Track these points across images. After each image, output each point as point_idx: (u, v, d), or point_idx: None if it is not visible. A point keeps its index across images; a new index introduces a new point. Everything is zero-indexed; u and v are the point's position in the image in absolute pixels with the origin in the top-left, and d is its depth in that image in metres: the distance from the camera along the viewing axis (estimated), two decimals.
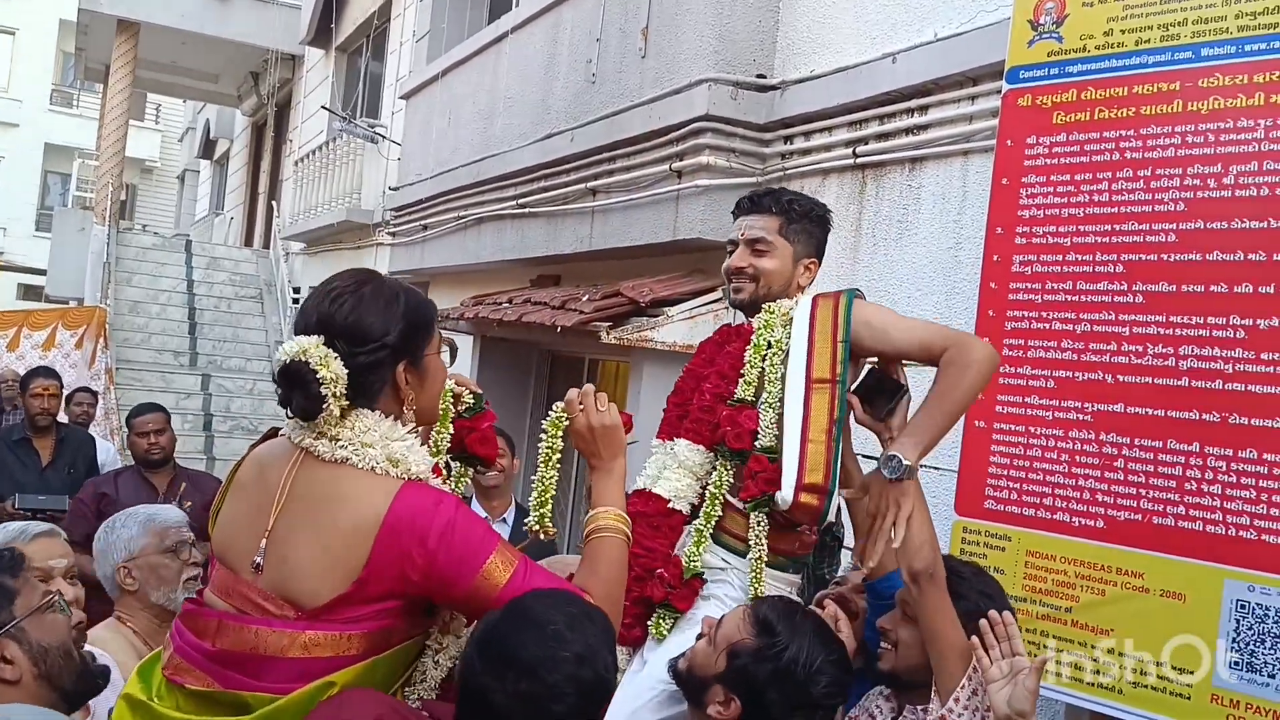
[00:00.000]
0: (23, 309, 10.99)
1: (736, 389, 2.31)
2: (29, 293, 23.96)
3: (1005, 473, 2.85)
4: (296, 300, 12.68)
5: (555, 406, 1.95)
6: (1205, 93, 2.59)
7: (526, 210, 6.29)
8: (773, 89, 4.59)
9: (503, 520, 3.79)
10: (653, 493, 2.36)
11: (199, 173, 23.42)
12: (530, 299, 5.83)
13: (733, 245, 2.46)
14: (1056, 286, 2.79)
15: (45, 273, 14.64)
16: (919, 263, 3.80)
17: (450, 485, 1.93)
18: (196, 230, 20.79)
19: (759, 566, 2.22)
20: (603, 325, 4.67)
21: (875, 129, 4.08)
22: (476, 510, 3.61)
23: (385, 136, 10.35)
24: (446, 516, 1.60)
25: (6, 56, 26.37)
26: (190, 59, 15.63)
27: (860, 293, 2.36)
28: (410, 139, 8.94)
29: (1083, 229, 2.75)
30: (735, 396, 2.30)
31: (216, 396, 11.55)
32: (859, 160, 4.12)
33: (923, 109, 3.86)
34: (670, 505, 2.33)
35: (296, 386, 1.61)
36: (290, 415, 1.66)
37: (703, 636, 1.99)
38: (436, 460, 1.89)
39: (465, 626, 1.76)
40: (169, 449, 4.54)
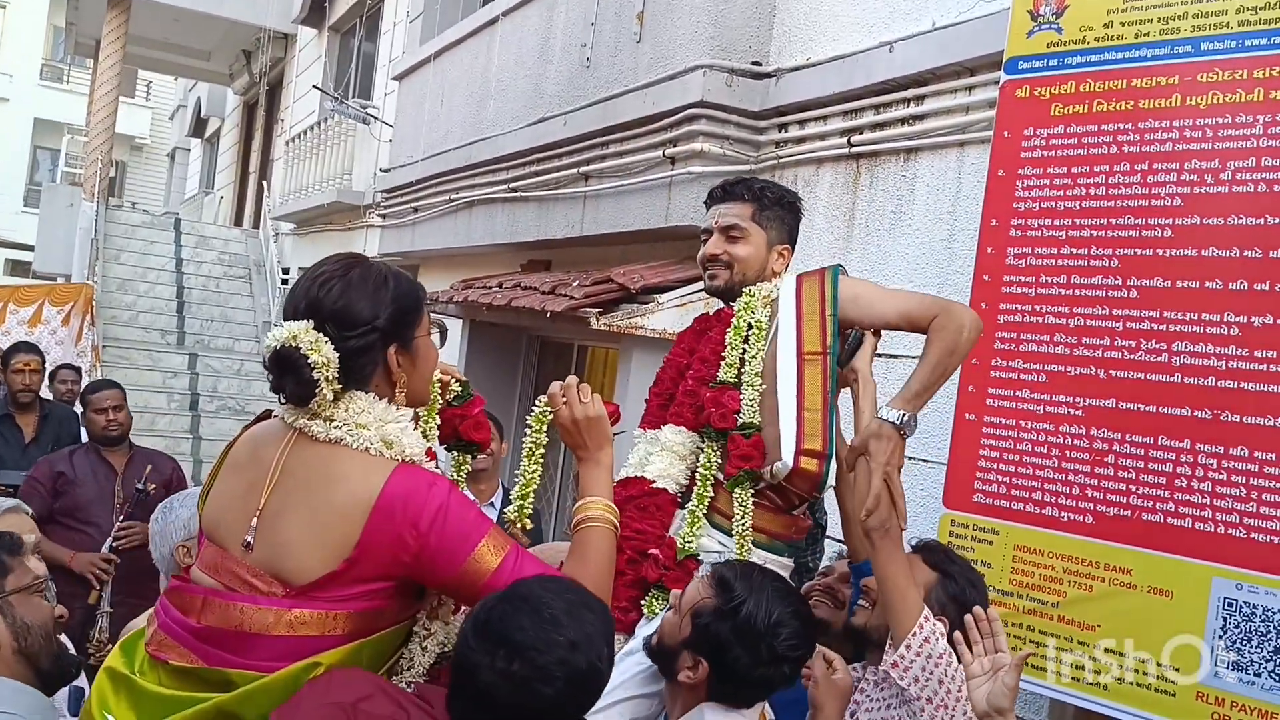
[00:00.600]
0: (9, 284, 10.90)
1: (719, 371, 2.33)
2: (16, 268, 23.82)
3: (995, 466, 2.83)
4: (285, 281, 12.61)
5: (539, 401, 1.96)
6: (1204, 87, 2.57)
7: (518, 194, 6.25)
8: (768, 76, 4.56)
9: (490, 504, 3.77)
10: (639, 477, 2.37)
11: (189, 151, 23.28)
12: (520, 283, 5.80)
13: (706, 234, 2.49)
14: (1051, 280, 2.77)
15: (33, 248, 14.54)
16: (912, 254, 3.77)
17: (452, 475, 1.92)
18: (186, 209, 20.66)
19: (744, 540, 2.23)
20: (593, 311, 4.64)
21: (871, 118, 4.05)
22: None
23: (377, 118, 10.28)
24: (440, 499, 1.60)
25: None
26: (182, 36, 15.51)
27: (844, 268, 2.39)
28: (402, 121, 8.88)
29: (1078, 222, 2.73)
30: (718, 379, 2.32)
31: (204, 376, 11.48)
32: (854, 150, 4.09)
33: (919, 99, 3.83)
34: (656, 485, 2.34)
35: (288, 372, 1.60)
36: (283, 401, 1.66)
37: (671, 608, 2.01)
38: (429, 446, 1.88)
39: (453, 613, 1.76)
40: (126, 426, 4.47)
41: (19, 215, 24.74)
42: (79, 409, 6.41)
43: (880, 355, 2.44)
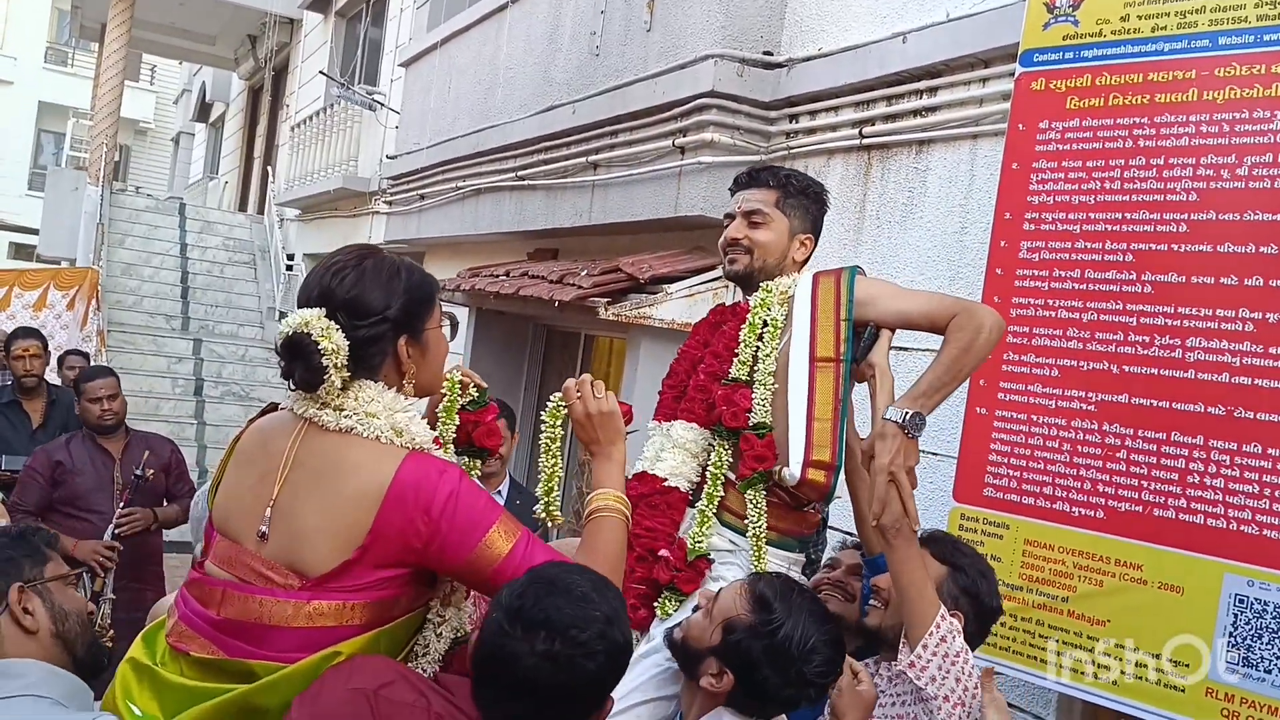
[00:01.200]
0: (14, 268, 10.88)
1: (731, 368, 2.31)
2: (19, 251, 23.77)
3: (1006, 460, 2.83)
4: (290, 267, 12.60)
5: (553, 397, 1.98)
6: (1221, 82, 2.56)
7: (525, 183, 6.23)
8: (779, 66, 4.54)
9: (497, 493, 3.77)
10: (651, 474, 2.36)
11: (194, 135, 23.21)
12: (527, 272, 5.78)
13: (729, 218, 2.48)
14: (1064, 274, 2.76)
15: (36, 232, 14.53)
16: (923, 246, 3.76)
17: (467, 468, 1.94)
18: (190, 194, 20.63)
19: (759, 545, 2.22)
20: (601, 301, 4.63)
21: (883, 110, 4.03)
22: None
23: (383, 104, 10.25)
24: (451, 486, 1.62)
25: (1, 13, 26.04)
26: (187, 20, 15.45)
27: (861, 269, 2.36)
28: (409, 107, 8.85)
29: (1093, 216, 2.72)
30: (730, 375, 2.31)
31: (208, 362, 11.48)
32: (865, 141, 4.07)
33: (932, 90, 3.81)
34: (667, 484, 2.32)
35: (298, 358, 1.62)
36: (293, 387, 1.67)
37: (699, 609, 2.00)
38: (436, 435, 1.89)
39: (465, 599, 1.78)
40: (121, 414, 4.44)
41: (23, 198, 24.70)
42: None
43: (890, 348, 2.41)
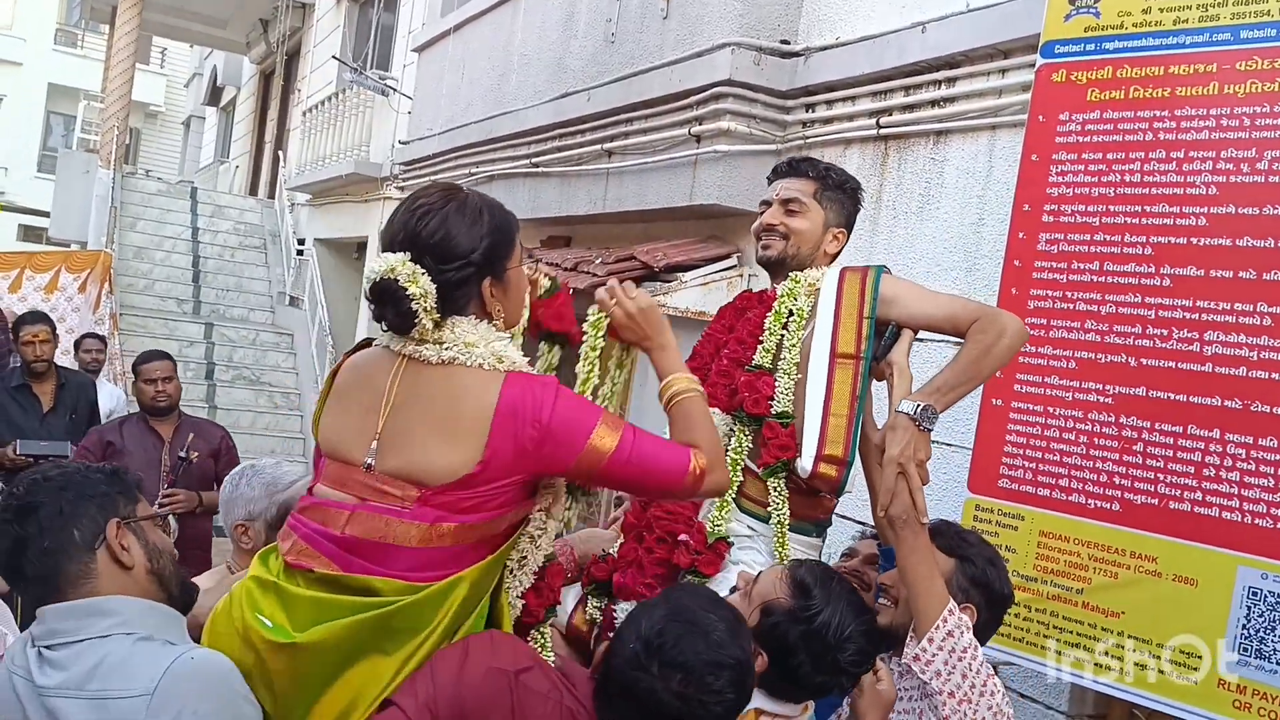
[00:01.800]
0: (26, 250, 10.90)
1: (754, 355, 2.33)
2: (29, 234, 23.82)
3: (1021, 452, 2.84)
4: (300, 252, 12.61)
5: (590, 310, 2.02)
6: (1243, 75, 2.56)
7: (539, 170, 6.23)
8: (796, 55, 4.54)
9: None
10: None
11: (204, 119, 23.21)
12: (541, 260, 5.80)
13: (765, 205, 2.50)
14: (1083, 266, 2.76)
15: (46, 214, 14.54)
16: (940, 237, 3.77)
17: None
18: (201, 177, 20.64)
19: (782, 531, 2.24)
20: None
21: (900, 100, 4.03)
22: None
23: (396, 89, 10.24)
24: (553, 391, 1.70)
25: None
26: (199, 3, 15.43)
27: (887, 269, 2.37)
28: (422, 93, 8.85)
29: (1112, 209, 2.72)
30: (753, 363, 2.33)
31: (219, 346, 11.52)
32: (882, 131, 4.07)
33: (950, 81, 3.81)
34: None
35: (388, 303, 1.67)
36: (384, 329, 1.72)
37: (736, 590, 2.03)
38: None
39: (566, 509, 1.87)
40: (175, 397, 4.52)
41: (33, 181, 24.74)
42: (101, 376, 6.47)
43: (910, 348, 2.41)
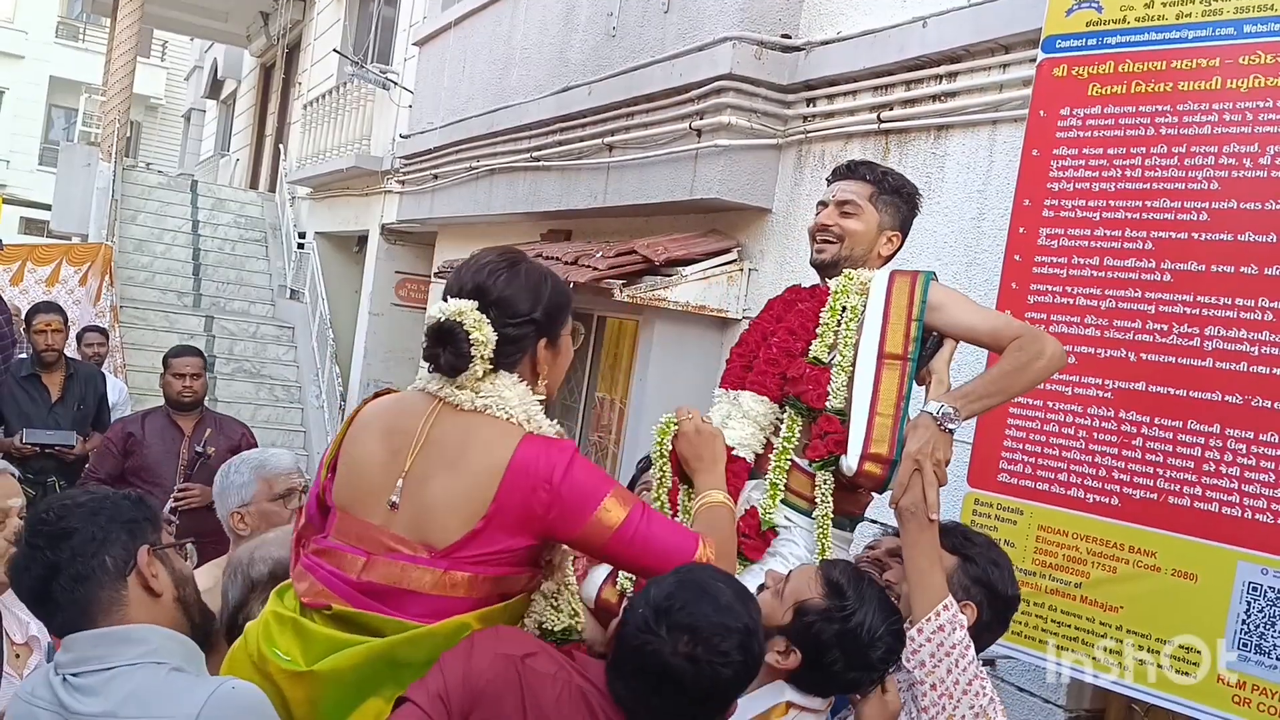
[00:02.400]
0: (27, 243, 10.91)
1: (812, 348, 2.34)
2: (30, 226, 23.82)
3: (1021, 446, 2.84)
4: (301, 245, 12.60)
5: (664, 415, 2.15)
6: (1245, 70, 2.55)
7: (540, 163, 6.23)
8: (797, 49, 4.53)
9: None
10: None
11: (205, 112, 23.19)
12: (541, 253, 5.79)
13: (821, 206, 2.50)
14: (1083, 261, 2.76)
15: (47, 207, 14.54)
16: (941, 231, 3.76)
17: None
18: (201, 170, 20.61)
19: (825, 524, 2.26)
20: (617, 282, 4.64)
21: (901, 94, 4.03)
22: None
23: (397, 83, 10.23)
24: (569, 455, 1.74)
25: None
26: None
27: (936, 275, 2.38)
28: (423, 86, 8.84)
29: (1113, 204, 2.72)
30: (811, 355, 2.34)
31: (220, 339, 11.51)
32: (883, 126, 4.07)
33: (952, 75, 3.81)
34: (735, 452, 2.35)
35: (448, 344, 1.73)
36: (432, 370, 1.78)
37: (765, 588, 2.04)
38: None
39: (571, 574, 1.89)
40: (201, 393, 4.60)
41: (34, 173, 24.76)
42: (122, 370, 6.49)
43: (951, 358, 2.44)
